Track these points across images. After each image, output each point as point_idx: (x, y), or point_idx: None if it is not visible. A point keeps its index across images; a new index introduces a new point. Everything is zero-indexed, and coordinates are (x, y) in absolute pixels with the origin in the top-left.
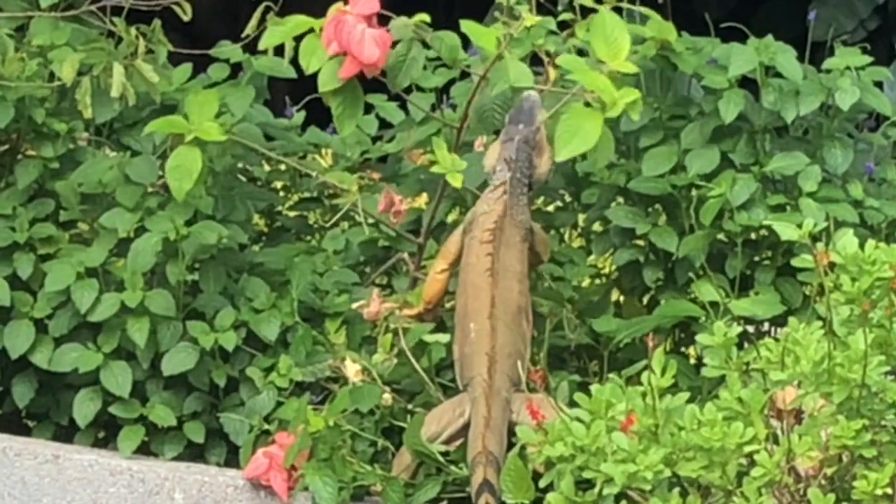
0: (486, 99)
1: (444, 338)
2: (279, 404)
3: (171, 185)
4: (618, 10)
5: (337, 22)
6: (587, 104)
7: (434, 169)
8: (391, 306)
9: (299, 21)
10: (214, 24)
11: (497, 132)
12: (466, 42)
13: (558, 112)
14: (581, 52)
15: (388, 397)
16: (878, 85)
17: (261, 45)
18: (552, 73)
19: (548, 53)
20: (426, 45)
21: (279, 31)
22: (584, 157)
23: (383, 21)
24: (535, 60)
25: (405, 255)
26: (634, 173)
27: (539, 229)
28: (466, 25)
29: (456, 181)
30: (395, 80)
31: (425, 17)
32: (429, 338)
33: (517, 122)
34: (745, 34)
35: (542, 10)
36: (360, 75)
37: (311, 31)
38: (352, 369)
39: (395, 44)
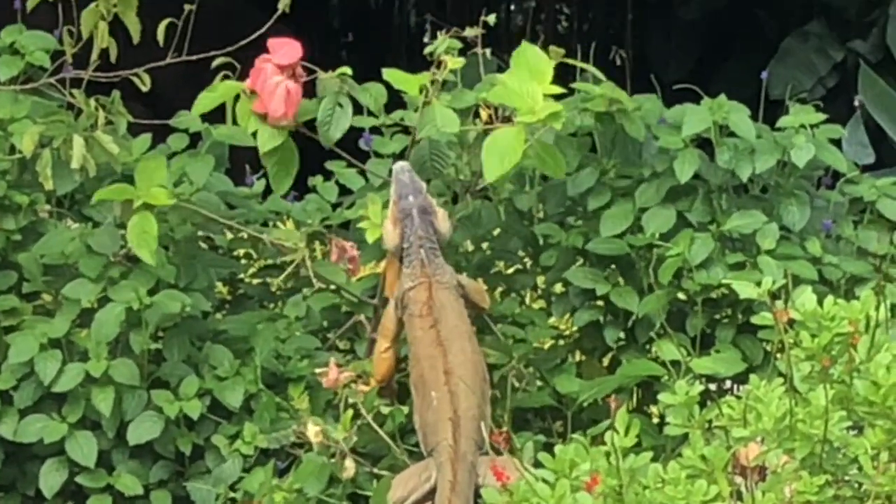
0: (423, 150)
1: (401, 411)
2: (245, 471)
3: (137, 252)
4: (567, 67)
5: (257, 70)
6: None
7: (362, 225)
8: (349, 375)
9: (228, 86)
10: (179, 94)
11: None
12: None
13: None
14: None
15: (350, 467)
16: (837, 142)
17: (193, 112)
18: (484, 114)
19: (494, 109)
20: (353, 99)
21: (210, 96)
22: (543, 216)
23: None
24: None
25: (362, 318)
26: (592, 234)
27: (468, 280)
28: (389, 73)
29: (372, 235)
30: (327, 134)
31: (347, 69)
32: (386, 409)
33: (405, 196)
34: (703, 95)
35: (490, 67)
36: (305, 139)
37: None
38: (312, 431)
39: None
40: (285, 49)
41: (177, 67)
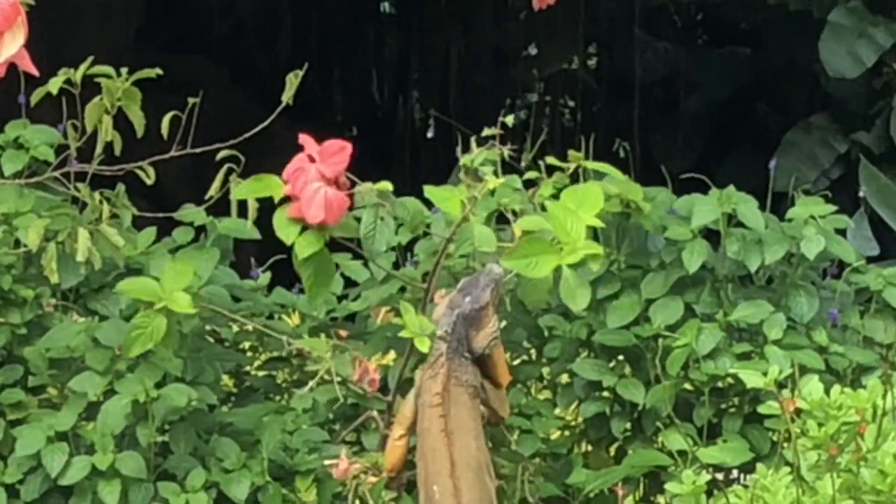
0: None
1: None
2: None
3: (124, 343)
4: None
5: (297, 168)
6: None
7: (403, 334)
8: (360, 467)
9: (269, 182)
10: (183, 188)
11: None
12: (429, 202)
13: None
14: (544, 209)
15: None
16: (841, 232)
17: (233, 197)
18: (517, 231)
19: (514, 212)
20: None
21: (248, 186)
22: (547, 307)
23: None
24: (500, 218)
25: (374, 413)
26: (597, 325)
27: (492, 387)
28: (430, 191)
29: (423, 345)
30: (371, 248)
31: (388, 184)
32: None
33: (465, 294)
34: (708, 185)
35: (506, 167)
36: (331, 242)
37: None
38: None
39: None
40: (335, 155)
41: (181, 161)
